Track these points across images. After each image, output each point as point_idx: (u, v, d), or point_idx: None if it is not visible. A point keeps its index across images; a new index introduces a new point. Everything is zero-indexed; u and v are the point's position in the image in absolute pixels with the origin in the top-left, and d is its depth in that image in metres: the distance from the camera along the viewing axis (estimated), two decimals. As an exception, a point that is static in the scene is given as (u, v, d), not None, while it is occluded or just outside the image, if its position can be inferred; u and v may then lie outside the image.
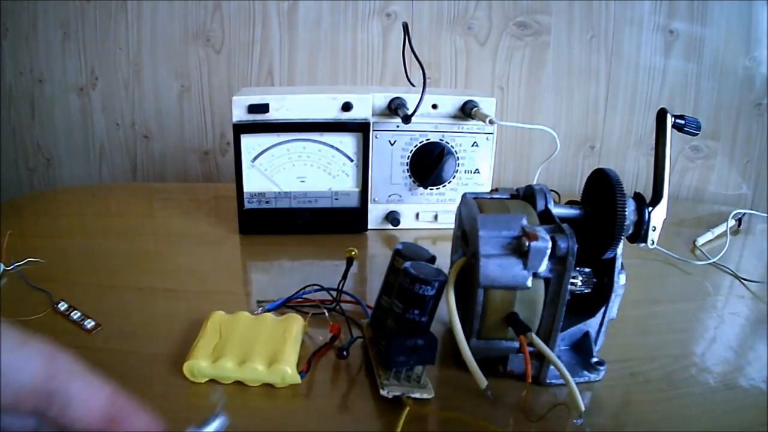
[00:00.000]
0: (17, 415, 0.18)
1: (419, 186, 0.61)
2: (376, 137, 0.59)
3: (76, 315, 0.42)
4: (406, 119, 0.56)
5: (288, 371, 0.34)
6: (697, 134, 0.41)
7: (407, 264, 0.35)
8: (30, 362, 0.18)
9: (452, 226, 0.42)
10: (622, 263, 0.36)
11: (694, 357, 0.40)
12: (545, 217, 0.36)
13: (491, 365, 0.35)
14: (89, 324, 0.41)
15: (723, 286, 0.53)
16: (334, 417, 0.33)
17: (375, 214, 0.62)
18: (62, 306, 0.43)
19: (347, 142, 0.58)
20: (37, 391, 0.18)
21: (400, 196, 0.62)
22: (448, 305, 0.33)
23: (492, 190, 0.41)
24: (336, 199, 0.60)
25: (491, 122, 0.56)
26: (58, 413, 0.18)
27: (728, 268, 0.55)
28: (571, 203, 0.39)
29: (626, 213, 0.35)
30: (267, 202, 0.59)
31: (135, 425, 0.19)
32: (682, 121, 0.40)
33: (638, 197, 0.39)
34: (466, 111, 0.58)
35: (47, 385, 0.18)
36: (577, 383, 0.32)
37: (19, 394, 0.18)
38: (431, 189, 0.61)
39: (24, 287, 0.46)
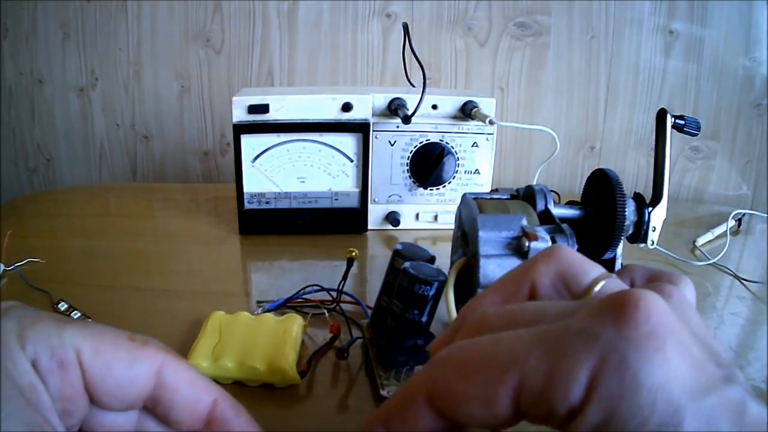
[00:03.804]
0: (122, 414, 0.20)
1: (419, 186, 0.61)
2: (376, 138, 0.59)
3: (76, 315, 0.42)
4: (406, 120, 0.56)
5: (288, 371, 0.34)
6: (697, 134, 0.41)
7: (407, 264, 0.35)
8: (141, 375, 0.19)
9: (452, 226, 0.42)
10: (622, 263, 0.36)
11: (694, 357, 0.40)
12: (545, 217, 0.36)
13: (491, 365, 0.35)
14: (89, 324, 0.41)
15: (723, 287, 0.53)
16: (334, 417, 0.33)
17: (375, 214, 0.62)
18: (62, 306, 0.43)
19: (347, 142, 0.58)
20: (146, 398, 0.19)
21: (400, 197, 0.62)
22: (448, 305, 0.33)
23: (492, 191, 0.41)
24: (336, 199, 0.60)
25: (491, 123, 0.56)
26: (162, 415, 0.20)
27: (728, 269, 0.55)
28: (571, 203, 0.39)
29: (626, 213, 0.35)
30: (267, 203, 0.59)
31: (233, 428, 0.20)
32: (682, 122, 0.40)
33: (638, 197, 0.39)
34: (466, 111, 0.58)
35: (155, 392, 0.19)
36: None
37: (130, 402, 0.19)
38: (431, 189, 0.61)
39: (24, 287, 0.46)
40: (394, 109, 0.58)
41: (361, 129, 0.57)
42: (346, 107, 0.57)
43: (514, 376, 0.15)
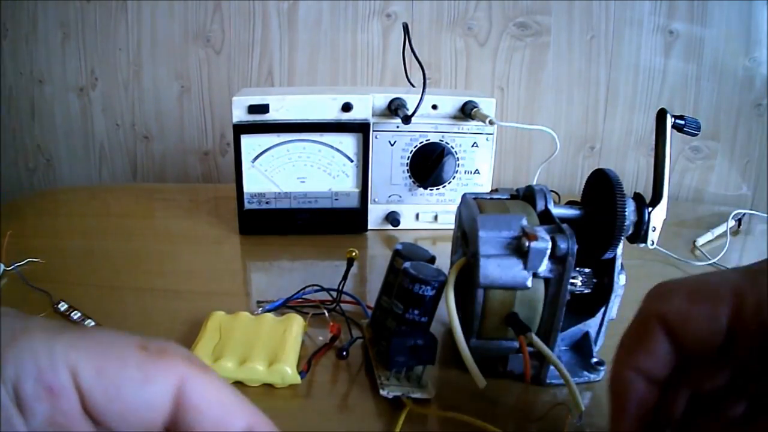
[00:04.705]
0: None
1: (419, 186, 0.61)
2: (376, 138, 0.59)
3: (76, 315, 0.42)
4: (406, 120, 0.56)
5: (288, 371, 0.34)
6: (697, 135, 0.41)
7: (407, 264, 0.35)
8: (158, 396, 0.16)
9: (452, 226, 0.42)
10: (622, 263, 0.36)
11: (694, 357, 0.40)
12: (545, 217, 0.36)
13: (491, 365, 0.35)
14: (89, 324, 0.41)
15: (723, 287, 0.52)
16: (334, 417, 0.33)
17: (375, 214, 0.62)
18: (62, 306, 0.43)
19: (347, 142, 0.58)
20: (165, 419, 0.16)
21: (400, 197, 0.62)
22: (448, 305, 0.33)
23: (492, 191, 0.41)
24: (336, 199, 0.60)
25: (491, 123, 0.56)
26: None
27: (728, 269, 0.55)
28: (571, 203, 0.39)
29: (626, 213, 0.35)
30: (267, 203, 0.59)
31: None
32: (682, 122, 0.40)
33: (638, 197, 0.39)
34: (466, 111, 0.58)
35: (175, 412, 0.16)
36: (577, 383, 0.32)
37: (145, 426, 0.16)
38: (431, 189, 0.61)
39: (24, 287, 0.46)
40: (394, 109, 0.58)
41: (361, 129, 0.57)
42: (346, 107, 0.57)
43: (730, 297, 0.21)
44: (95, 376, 0.15)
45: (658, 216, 0.38)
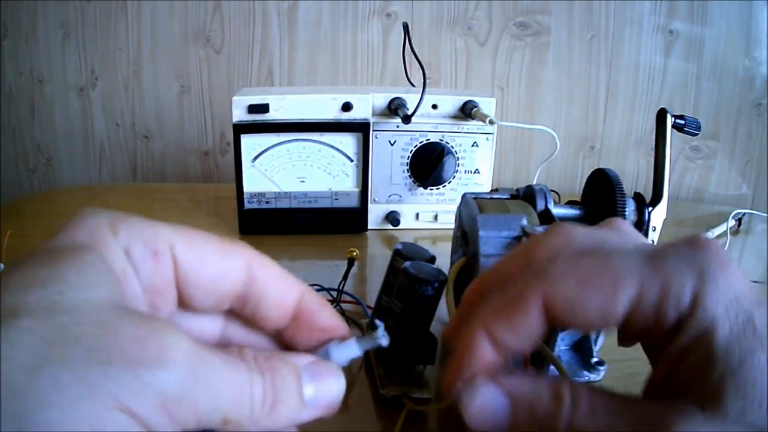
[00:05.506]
0: (208, 317, 0.20)
1: (419, 186, 0.61)
2: (376, 137, 0.59)
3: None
4: (406, 119, 0.56)
5: (288, 371, 0.34)
6: (697, 134, 0.41)
7: (407, 264, 0.34)
8: (234, 268, 0.19)
9: (452, 226, 0.42)
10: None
11: (694, 357, 0.40)
12: (545, 217, 0.36)
13: (491, 365, 0.35)
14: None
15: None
16: (334, 417, 0.33)
17: (375, 214, 0.62)
18: (62, 306, 0.43)
19: (347, 142, 0.58)
20: (236, 295, 0.19)
21: (400, 196, 0.62)
22: (448, 305, 0.33)
23: (492, 190, 0.41)
24: (336, 199, 0.60)
25: (491, 122, 0.56)
26: (250, 312, 0.20)
27: (728, 268, 0.55)
28: (571, 203, 0.39)
29: (626, 213, 0.35)
30: (267, 203, 0.59)
31: (319, 321, 0.21)
32: (682, 121, 0.40)
33: (638, 197, 0.39)
34: (466, 111, 0.58)
35: (246, 289, 0.19)
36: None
37: (221, 296, 0.19)
38: (431, 189, 0.61)
39: (24, 287, 0.46)
40: (394, 108, 0.58)
41: (361, 129, 0.57)
42: (346, 107, 0.57)
43: (633, 286, 0.18)
44: (187, 249, 0.18)
45: (658, 216, 0.38)
